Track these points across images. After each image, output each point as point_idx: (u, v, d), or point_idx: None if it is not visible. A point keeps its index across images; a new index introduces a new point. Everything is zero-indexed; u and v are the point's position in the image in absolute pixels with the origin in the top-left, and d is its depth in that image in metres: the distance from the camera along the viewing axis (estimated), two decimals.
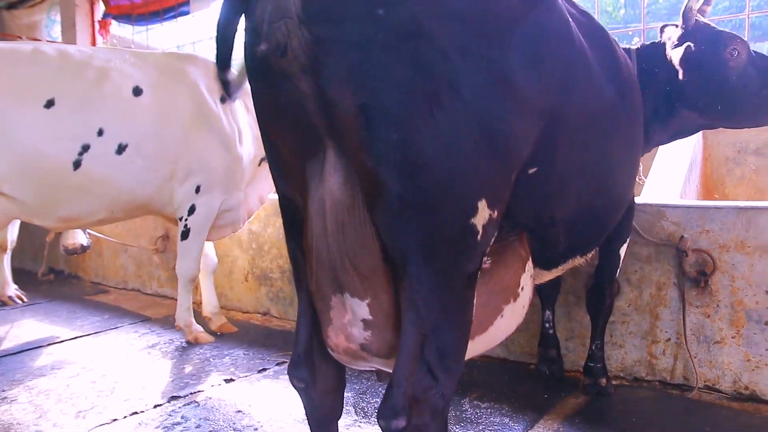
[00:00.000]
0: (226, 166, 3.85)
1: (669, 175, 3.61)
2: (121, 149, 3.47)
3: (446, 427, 1.59)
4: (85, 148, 3.38)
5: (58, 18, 7.45)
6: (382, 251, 1.53)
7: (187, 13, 6.50)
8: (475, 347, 1.82)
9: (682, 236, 2.92)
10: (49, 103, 3.31)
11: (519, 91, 1.53)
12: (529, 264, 1.96)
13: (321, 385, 1.88)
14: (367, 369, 1.89)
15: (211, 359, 3.77)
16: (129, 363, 3.74)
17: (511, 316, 1.90)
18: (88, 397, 3.21)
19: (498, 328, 1.87)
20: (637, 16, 15.10)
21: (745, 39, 2.70)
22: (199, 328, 4.13)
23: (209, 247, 4.43)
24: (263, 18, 1.45)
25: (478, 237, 1.52)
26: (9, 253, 5.36)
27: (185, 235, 3.89)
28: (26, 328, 4.63)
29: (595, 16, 2.36)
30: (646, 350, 3.13)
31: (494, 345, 1.96)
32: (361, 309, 1.63)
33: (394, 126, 1.38)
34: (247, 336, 4.10)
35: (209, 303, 4.38)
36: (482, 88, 1.45)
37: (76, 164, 3.37)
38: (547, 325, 3.20)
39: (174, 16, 6.66)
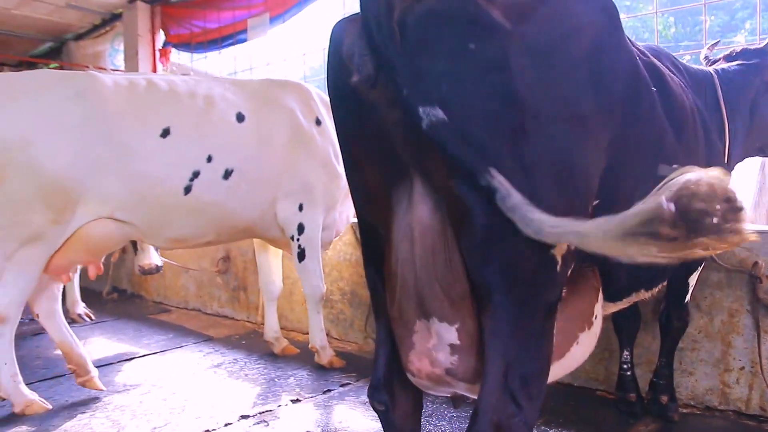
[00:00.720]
0: (325, 184, 3.96)
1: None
2: (227, 174, 3.56)
3: None
4: (196, 174, 3.46)
5: (121, 47, 7.81)
6: (469, 278, 1.57)
7: (244, 41, 6.72)
8: (553, 373, 1.84)
9: (756, 262, 2.87)
10: (165, 132, 3.39)
11: (592, 127, 1.59)
12: (599, 295, 1.97)
13: (400, 408, 1.92)
14: (444, 394, 1.93)
15: (276, 380, 3.85)
16: (196, 381, 3.86)
17: (586, 344, 1.91)
18: (161, 414, 3.32)
19: (574, 355, 1.88)
20: (688, 33, 14.88)
21: None
22: (332, 351, 4.16)
23: (276, 273, 4.53)
24: (353, 51, 1.53)
25: (558, 267, 1.56)
26: (78, 272, 5.59)
27: (302, 255, 3.95)
28: (96, 345, 4.82)
29: (654, 40, 2.37)
30: (719, 378, 3.06)
31: (569, 371, 1.97)
32: (450, 334, 1.66)
33: (480, 155, 1.41)
34: (310, 358, 4.18)
35: (271, 328, 4.46)
36: (562, 123, 1.50)
37: (187, 189, 3.44)
38: (625, 366, 3.11)
39: (231, 44, 6.90)
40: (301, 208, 3.87)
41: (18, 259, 3.17)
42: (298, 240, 3.91)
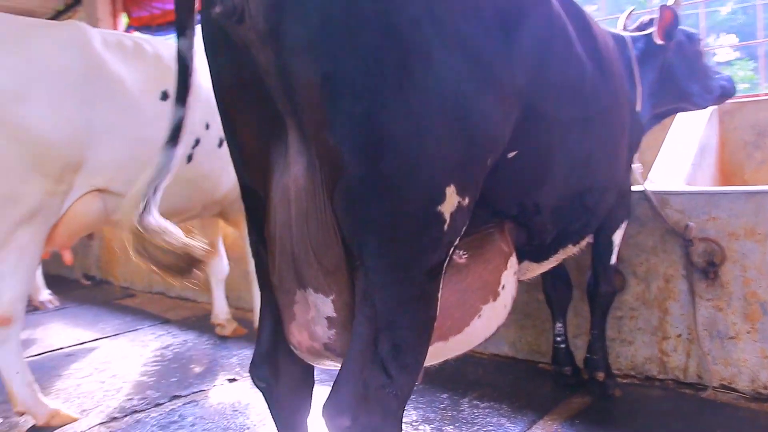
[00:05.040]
0: None
1: (675, 160, 3.42)
2: (221, 143, 3.36)
3: (400, 428, 1.46)
4: (197, 142, 3.25)
5: None
6: (344, 243, 1.42)
7: None
8: (451, 348, 1.71)
9: (687, 224, 2.76)
10: (164, 95, 3.07)
11: (496, 70, 1.42)
12: (513, 260, 1.82)
13: (285, 384, 1.80)
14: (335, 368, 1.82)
15: (219, 359, 3.79)
16: (140, 364, 3.80)
17: (491, 317, 1.75)
18: (95, 396, 3.26)
19: (475, 328, 1.73)
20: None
21: None
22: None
23: (223, 255, 4.43)
24: None
25: (445, 226, 1.39)
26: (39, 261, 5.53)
27: None
28: (53, 331, 4.77)
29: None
30: (657, 347, 2.97)
31: (473, 346, 1.83)
32: (326, 306, 1.53)
33: (358, 99, 1.25)
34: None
35: (221, 310, 4.37)
36: (456, 64, 1.33)
37: (189, 158, 3.21)
38: (558, 339, 3.02)
39: None
40: None
41: (15, 243, 2.70)
42: None
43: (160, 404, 3.11)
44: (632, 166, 2.74)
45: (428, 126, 1.30)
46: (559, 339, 2.99)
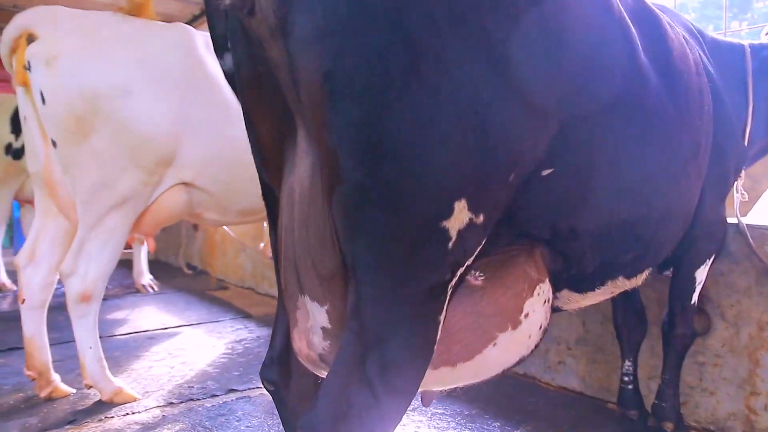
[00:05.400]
0: None
1: None
2: None
3: None
4: None
5: None
6: (341, 251, 1.33)
7: None
8: (459, 375, 1.57)
9: None
10: None
11: (526, 76, 1.27)
12: (544, 288, 1.65)
13: (295, 389, 1.77)
14: None
15: None
16: (211, 354, 3.94)
17: (510, 347, 1.59)
18: (160, 380, 3.42)
19: (488, 358, 1.57)
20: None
21: None
22: None
23: None
24: None
25: (450, 244, 1.26)
26: (145, 245, 5.94)
27: None
28: (144, 314, 5.09)
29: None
30: (744, 402, 2.60)
31: (487, 376, 1.67)
32: (321, 315, 1.46)
33: (359, 100, 1.16)
34: None
35: None
36: (477, 68, 1.19)
37: None
38: (626, 378, 2.74)
39: None
40: None
41: (104, 227, 2.90)
42: None
43: (216, 396, 3.19)
44: (734, 195, 2.43)
45: (437, 134, 1.17)
46: (626, 378, 2.70)
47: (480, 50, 1.20)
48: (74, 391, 3.22)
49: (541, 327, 1.65)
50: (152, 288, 5.98)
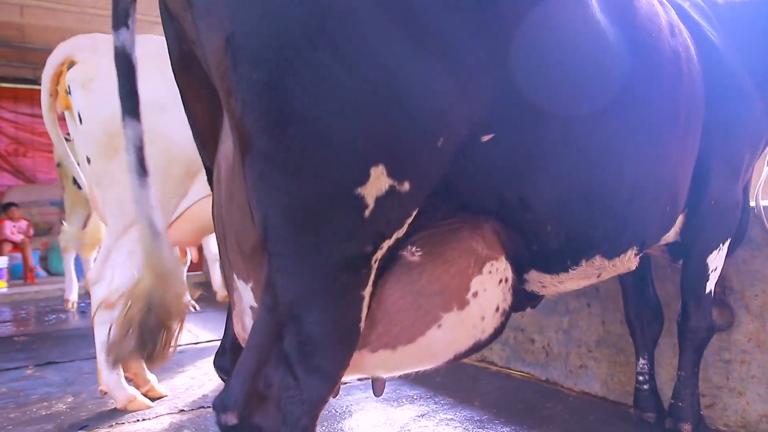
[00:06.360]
0: None
1: None
2: None
3: None
4: None
5: None
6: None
7: None
8: (402, 360, 1.46)
9: None
10: None
11: (444, 32, 1.18)
12: (497, 265, 1.52)
13: None
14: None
15: None
16: None
17: (457, 329, 1.47)
18: (178, 389, 3.46)
19: (434, 340, 1.46)
20: None
21: None
22: None
23: None
24: None
25: (367, 212, 1.19)
26: (186, 265, 6.07)
27: None
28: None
29: None
30: None
31: (437, 363, 1.53)
32: (247, 294, 1.42)
33: (261, 61, 1.10)
34: None
35: None
36: (388, 24, 1.13)
37: None
38: (641, 378, 2.54)
39: None
40: None
41: (130, 236, 2.96)
42: None
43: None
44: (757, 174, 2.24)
45: (345, 96, 1.11)
46: (641, 378, 2.50)
47: (392, 6, 1.13)
48: (168, 393, 3.36)
49: (498, 309, 1.53)
50: (194, 308, 6.09)
